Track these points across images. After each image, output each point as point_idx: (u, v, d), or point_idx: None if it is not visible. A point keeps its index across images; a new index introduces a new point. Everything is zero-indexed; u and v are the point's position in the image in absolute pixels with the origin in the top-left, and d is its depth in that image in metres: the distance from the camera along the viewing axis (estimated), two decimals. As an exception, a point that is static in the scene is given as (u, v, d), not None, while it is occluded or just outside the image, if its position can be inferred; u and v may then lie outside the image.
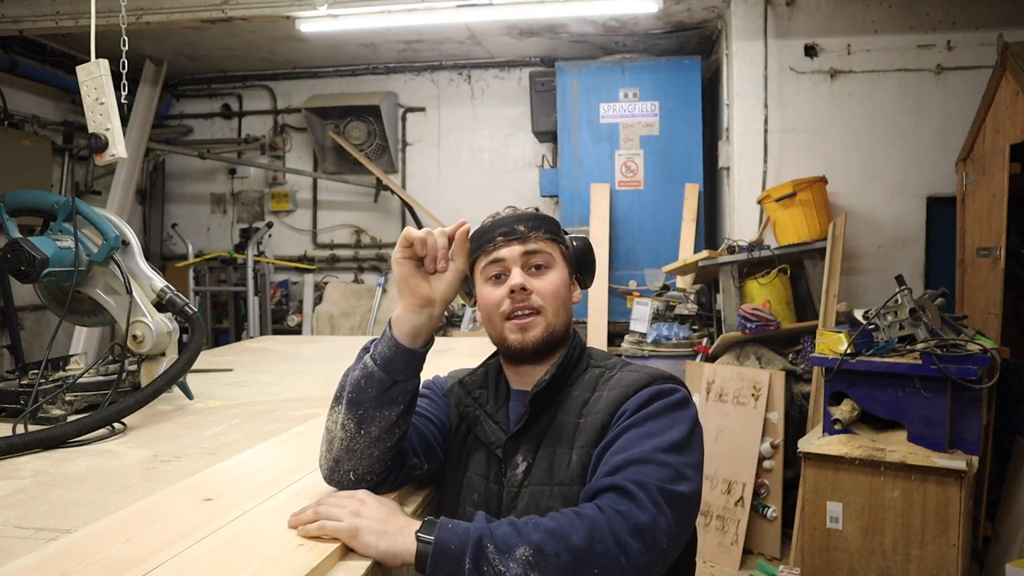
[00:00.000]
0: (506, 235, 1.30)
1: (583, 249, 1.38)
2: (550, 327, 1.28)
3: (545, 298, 1.28)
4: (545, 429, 1.26)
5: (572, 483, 1.18)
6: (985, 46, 4.10)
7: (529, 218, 1.33)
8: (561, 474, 1.20)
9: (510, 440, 1.27)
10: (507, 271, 1.29)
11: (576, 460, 1.19)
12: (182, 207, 6.59)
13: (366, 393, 1.14)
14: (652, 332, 4.42)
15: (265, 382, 2.22)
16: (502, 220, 1.33)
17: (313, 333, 5.72)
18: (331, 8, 4.08)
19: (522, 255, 1.29)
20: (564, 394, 1.28)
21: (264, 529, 1.06)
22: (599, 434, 1.19)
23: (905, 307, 2.92)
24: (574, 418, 1.24)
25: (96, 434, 1.52)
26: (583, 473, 1.17)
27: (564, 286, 1.31)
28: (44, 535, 1.03)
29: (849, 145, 4.43)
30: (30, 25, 4.43)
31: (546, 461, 1.22)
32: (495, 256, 1.30)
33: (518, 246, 1.29)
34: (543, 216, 1.35)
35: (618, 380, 1.26)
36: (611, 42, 5.37)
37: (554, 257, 1.32)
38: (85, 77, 1.88)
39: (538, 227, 1.32)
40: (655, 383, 1.22)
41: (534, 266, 1.30)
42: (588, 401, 1.25)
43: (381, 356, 1.14)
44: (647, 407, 1.17)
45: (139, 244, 1.86)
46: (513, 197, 5.89)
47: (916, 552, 2.71)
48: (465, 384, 1.37)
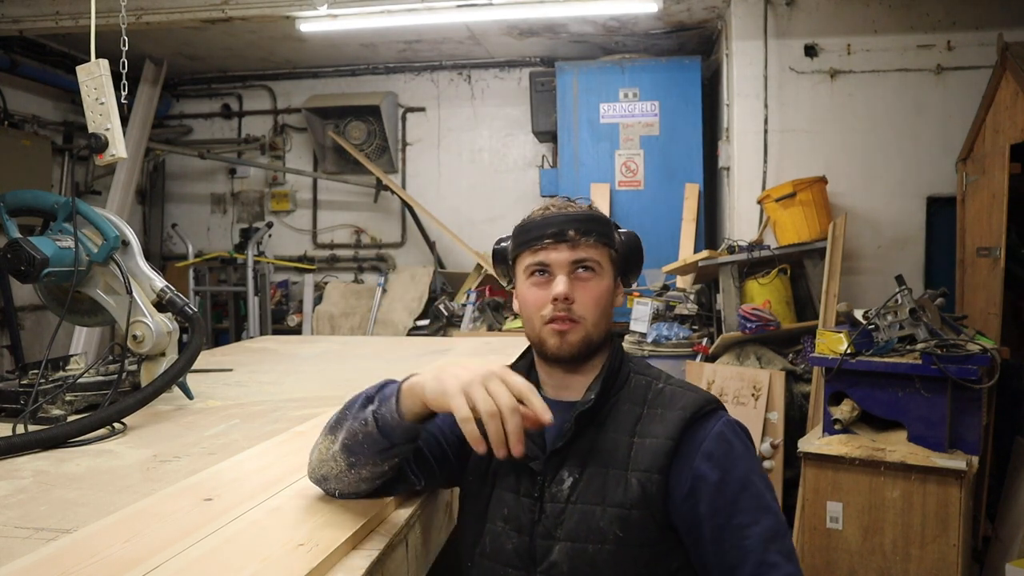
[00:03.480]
0: (556, 237, 1.24)
1: (632, 248, 1.32)
2: (588, 337, 1.25)
3: (587, 308, 1.24)
4: (591, 444, 1.22)
5: (632, 507, 1.16)
6: (985, 46, 4.09)
7: (582, 221, 1.26)
8: (618, 496, 1.17)
9: (552, 455, 1.23)
10: (552, 274, 1.25)
11: (636, 484, 1.17)
12: (182, 207, 6.59)
13: (361, 447, 1.11)
14: (652, 332, 4.41)
15: (265, 382, 2.22)
16: (553, 219, 1.26)
17: (313, 333, 5.72)
18: (331, 8, 4.08)
19: (570, 263, 1.24)
20: (609, 407, 1.25)
21: (264, 529, 1.06)
22: (664, 460, 1.17)
23: (905, 307, 2.92)
24: (627, 437, 1.21)
25: (96, 434, 1.52)
26: (644, 498, 1.16)
27: (608, 294, 1.27)
28: (44, 535, 1.03)
29: (849, 145, 4.43)
30: (30, 25, 4.43)
31: (598, 480, 1.19)
32: (542, 259, 1.25)
33: (567, 252, 1.24)
34: (596, 217, 1.28)
35: (669, 398, 1.23)
36: (611, 42, 5.37)
37: (602, 264, 1.26)
38: (85, 77, 1.88)
39: (590, 232, 1.25)
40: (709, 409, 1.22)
41: (580, 270, 1.25)
42: (640, 418, 1.22)
43: (383, 420, 1.09)
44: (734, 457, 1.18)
45: (139, 244, 1.86)
46: (513, 197, 5.91)
47: (916, 552, 2.71)
48: None
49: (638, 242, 1.34)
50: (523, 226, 1.30)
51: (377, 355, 2.83)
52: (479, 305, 5.25)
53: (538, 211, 1.31)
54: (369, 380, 1.27)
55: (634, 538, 1.16)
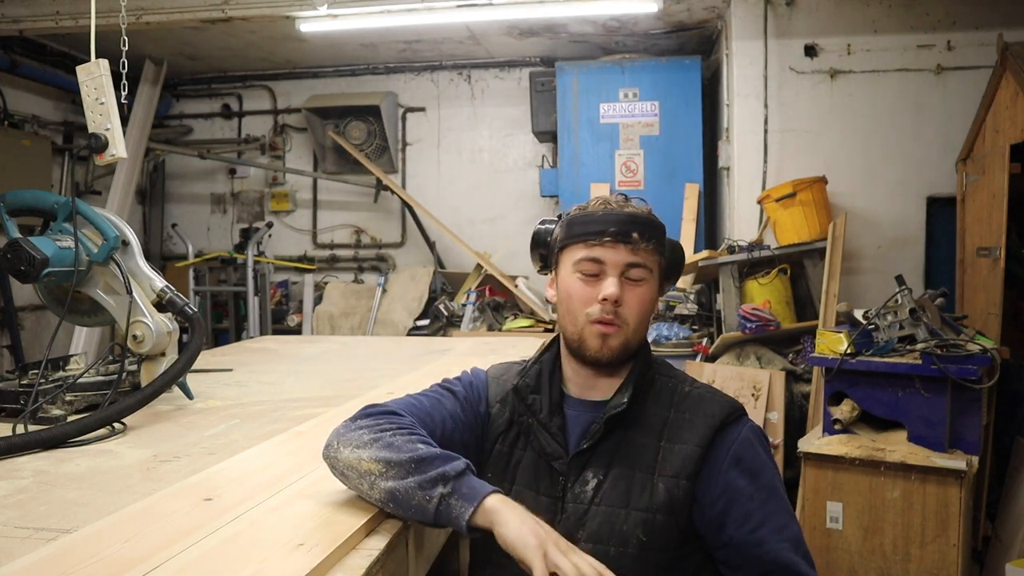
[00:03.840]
0: (616, 237, 1.21)
1: (676, 257, 1.32)
2: (628, 342, 1.24)
3: (632, 313, 1.23)
4: (617, 446, 1.21)
5: (657, 512, 1.16)
6: (985, 46, 4.09)
7: (645, 224, 1.24)
8: (644, 500, 1.17)
9: (577, 455, 1.22)
10: (603, 272, 1.22)
11: (663, 490, 1.17)
12: (182, 207, 6.59)
13: (408, 508, 1.07)
14: (652, 332, 4.41)
15: (265, 382, 2.22)
16: (616, 216, 1.23)
17: (313, 333, 5.72)
18: (331, 8, 4.08)
19: (625, 264, 1.22)
20: (636, 409, 1.24)
21: (264, 529, 1.06)
22: (694, 466, 1.18)
23: (905, 307, 2.92)
24: (655, 440, 1.21)
25: (96, 434, 1.52)
26: (670, 504, 1.16)
27: (653, 301, 1.27)
28: (44, 535, 1.03)
29: (849, 145, 4.43)
30: (30, 25, 4.43)
31: (623, 483, 1.19)
32: (597, 255, 1.22)
33: (625, 253, 1.21)
34: (657, 223, 1.27)
35: (696, 403, 1.24)
36: (611, 42, 5.37)
37: (652, 271, 1.25)
38: (85, 77, 1.88)
39: (650, 237, 1.23)
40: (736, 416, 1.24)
41: (632, 274, 1.23)
42: (667, 422, 1.22)
43: (445, 513, 1.04)
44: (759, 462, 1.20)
45: (139, 244, 1.86)
46: (513, 197, 5.91)
47: (916, 552, 2.71)
48: (519, 390, 1.29)
49: (682, 252, 1.34)
50: (580, 217, 1.26)
51: (377, 355, 2.83)
52: (479, 305, 5.25)
53: (597, 204, 1.27)
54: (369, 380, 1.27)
55: (657, 542, 1.16)
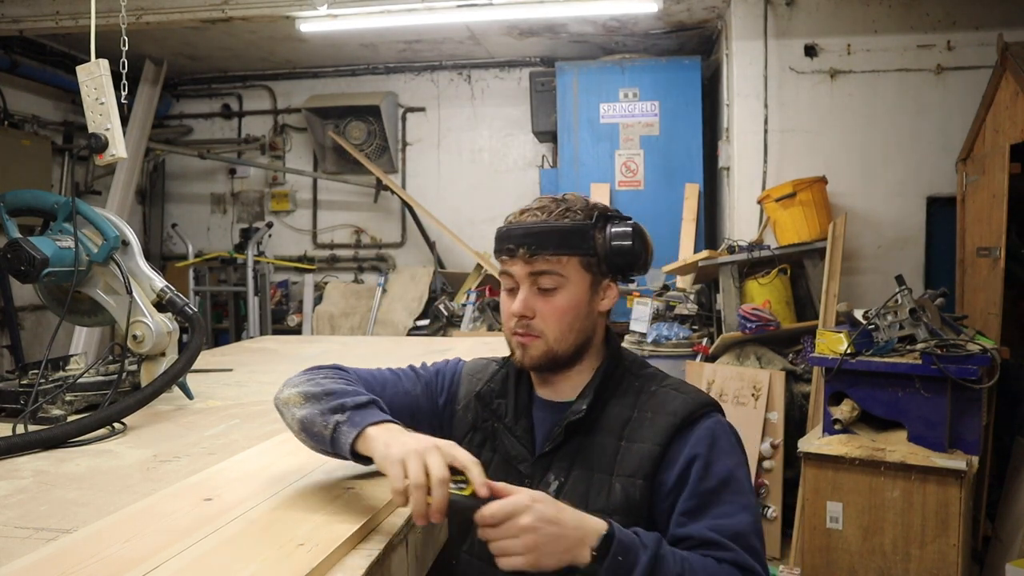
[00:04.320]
0: (510, 254, 1.21)
1: (622, 246, 1.23)
2: (551, 351, 1.22)
3: (547, 323, 1.21)
4: (579, 448, 1.21)
5: (614, 512, 1.14)
6: (985, 46, 4.09)
7: (538, 235, 1.20)
8: (600, 501, 1.16)
9: (540, 458, 1.22)
10: (517, 284, 1.23)
11: (620, 489, 1.16)
12: (182, 207, 6.59)
13: (314, 437, 1.16)
14: (652, 332, 4.41)
15: (265, 382, 2.22)
16: (512, 231, 1.22)
17: (313, 333, 5.72)
18: (331, 8, 4.08)
19: (528, 275, 1.21)
20: (599, 411, 1.22)
21: (264, 529, 1.06)
22: (650, 466, 1.15)
23: (905, 307, 2.92)
24: (615, 440, 1.19)
25: (96, 434, 1.52)
26: (627, 504, 1.15)
27: (574, 306, 1.21)
28: (44, 535, 1.03)
29: (849, 145, 4.43)
30: (30, 25, 4.43)
31: (582, 484, 1.18)
32: (507, 270, 1.24)
33: (525, 266, 1.21)
34: (557, 229, 1.20)
35: (661, 402, 1.20)
36: (611, 42, 5.37)
37: (566, 276, 1.20)
38: (85, 77, 1.88)
39: (546, 245, 1.19)
40: (702, 414, 1.19)
41: (541, 284, 1.21)
42: (629, 421, 1.20)
43: (338, 440, 1.11)
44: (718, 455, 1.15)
45: (139, 244, 1.86)
46: (513, 197, 5.90)
47: (916, 552, 2.71)
48: (483, 396, 1.30)
49: (634, 237, 1.24)
50: (497, 232, 1.27)
51: (377, 355, 2.82)
52: (479, 305, 5.25)
53: (514, 214, 1.27)
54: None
55: None
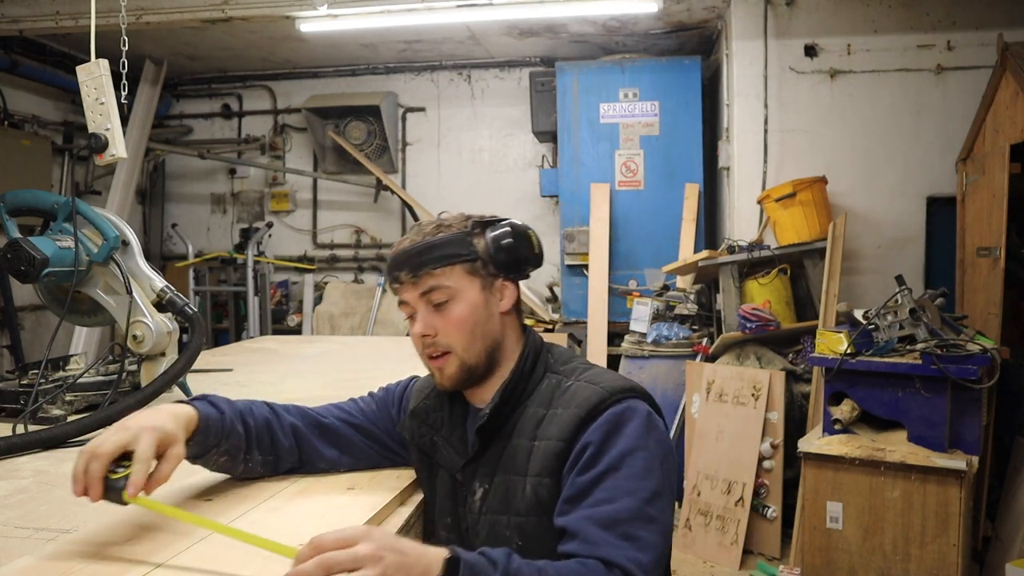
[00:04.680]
0: (395, 281, 1.23)
1: (505, 245, 1.23)
2: (463, 363, 1.21)
3: (450, 336, 1.21)
4: (501, 452, 1.20)
5: (528, 514, 1.13)
6: (985, 46, 4.09)
7: (409, 258, 1.21)
8: (517, 504, 1.15)
9: (467, 465, 1.22)
10: (415, 310, 1.23)
11: (531, 491, 1.14)
12: (182, 207, 6.59)
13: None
14: (652, 332, 4.41)
15: (265, 382, 2.22)
16: (394, 260, 1.24)
17: (313, 333, 5.72)
18: (331, 8, 4.08)
19: (420, 296, 1.21)
20: (519, 411, 1.21)
21: (264, 529, 1.06)
22: (555, 463, 1.12)
23: (905, 307, 2.92)
24: (528, 441, 1.17)
25: (96, 434, 1.52)
26: (538, 505, 1.13)
27: (473, 312, 1.21)
28: (44, 535, 1.03)
29: (849, 145, 4.43)
30: (30, 25, 4.43)
31: (502, 489, 1.17)
32: (400, 298, 1.24)
33: (411, 289, 1.21)
34: (430, 244, 1.21)
35: (572, 396, 1.17)
36: (611, 42, 5.37)
37: (454, 286, 1.20)
38: (85, 77, 1.88)
39: (421, 265, 1.20)
40: (612, 402, 1.13)
41: (434, 301, 1.21)
42: (542, 420, 1.17)
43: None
44: (615, 440, 1.09)
45: (139, 244, 1.86)
46: (513, 197, 5.91)
47: (916, 552, 2.71)
48: (417, 414, 1.31)
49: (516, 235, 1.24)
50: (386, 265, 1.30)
51: (377, 355, 2.83)
52: (479, 305, 5.24)
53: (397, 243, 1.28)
54: (369, 380, 1.27)
55: (534, 546, 1.11)
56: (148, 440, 1.03)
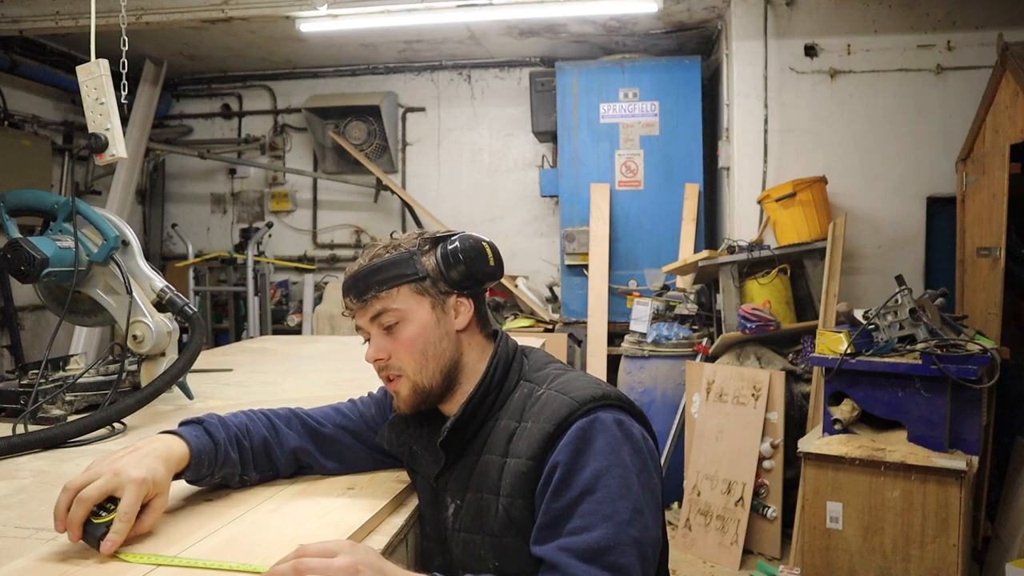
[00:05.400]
0: (347, 306, 1.22)
1: (457, 259, 1.19)
2: (416, 385, 1.19)
3: (402, 359, 1.19)
4: (473, 467, 1.17)
5: (502, 534, 1.10)
6: (985, 46, 4.09)
7: (356, 283, 1.20)
8: (490, 523, 1.12)
9: (439, 477, 1.20)
10: (368, 335, 1.22)
11: (503, 511, 1.10)
12: (182, 207, 6.59)
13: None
14: (652, 332, 4.41)
15: (265, 382, 2.22)
16: (344, 286, 1.23)
17: (313, 333, 5.72)
18: (331, 8, 4.08)
19: (370, 320, 1.20)
20: (491, 422, 1.18)
21: (264, 529, 1.06)
22: (524, 483, 1.08)
23: (905, 307, 2.92)
24: (499, 457, 1.13)
25: (96, 434, 1.52)
26: (511, 525, 1.09)
27: (423, 333, 1.18)
28: (44, 535, 1.03)
29: (849, 145, 4.43)
30: (30, 25, 4.42)
31: (475, 506, 1.14)
32: (355, 323, 1.23)
33: (361, 314, 1.20)
34: (373, 268, 1.19)
35: (541, 408, 1.12)
36: (611, 42, 5.37)
37: (403, 308, 1.18)
38: (85, 77, 1.88)
39: (367, 288, 1.18)
40: (580, 415, 1.07)
41: (384, 324, 1.19)
42: (514, 434, 1.13)
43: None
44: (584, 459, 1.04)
45: (139, 244, 1.86)
46: (513, 197, 5.92)
47: (916, 552, 2.71)
48: (395, 424, 1.29)
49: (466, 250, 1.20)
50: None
51: (377, 355, 2.82)
52: (479, 305, 5.24)
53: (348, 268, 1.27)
54: (369, 380, 1.27)
55: (511, 567, 1.09)
56: (134, 495, 0.99)
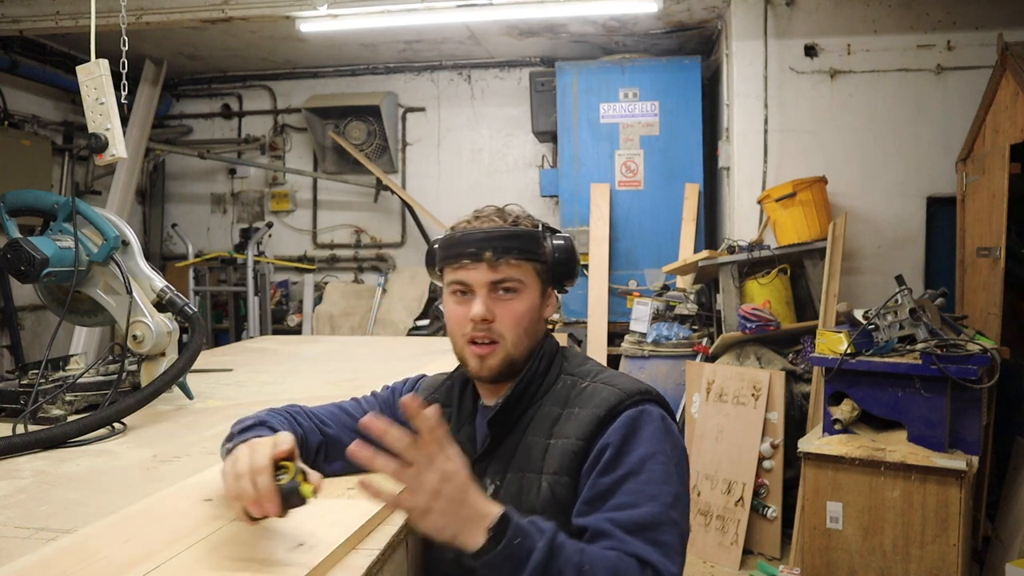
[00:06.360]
0: (473, 258, 1.21)
1: (564, 257, 1.27)
2: (508, 357, 1.22)
3: (507, 327, 1.21)
4: (514, 450, 1.20)
5: (544, 511, 1.12)
6: (985, 46, 4.09)
7: (500, 239, 1.21)
8: (531, 501, 1.15)
9: (477, 462, 1.21)
10: (472, 291, 1.22)
11: (547, 488, 1.14)
12: (182, 207, 6.59)
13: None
14: (652, 332, 4.41)
15: (265, 382, 2.22)
16: (471, 236, 1.23)
17: (313, 333, 5.72)
18: (331, 8, 4.08)
19: (488, 281, 1.21)
20: (533, 409, 1.22)
21: (264, 529, 1.06)
22: (573, 461, 1.13)
23: (905, 307, 2.92)
24: (543, 439, 1.18)
25: (96, 434, 1.52)
26: (554, 502, 1.13)
27: (530, 311, 1.23)
28: (44, 535, 1.03)
29: (849, 145, 4.43)
30: (30, 25, 4.43)
31: (515, 486, 1.17)
32: (461, 277, 1.22)
33: (486, 272, 1.20)
34: (517, 234, 1.23)
35: (589, 396, 1.18)
36: (611, 42, 5.37)
37: (524, 281, 1.22)
38: (85, 77, 1.88)
39: (509, 250, 1.21)
40: (629, 404, 1.15)
41: (501, 290, 1.21)
42: (559, 419, 1.19)
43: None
44: (633, 444, 1.11)
45: (139, 244, 1.86)
46: (513, 197, 5.83)
47: (916, 552, 2.71)
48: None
49: (572, 250, 1.29)
50: (444, 240, 1.27)
51: (377, 355, 2.82)
52: (479, 305, 5.24)
53: (463, 222, 1.28)
54: (369, 380, 1.27)
55: None
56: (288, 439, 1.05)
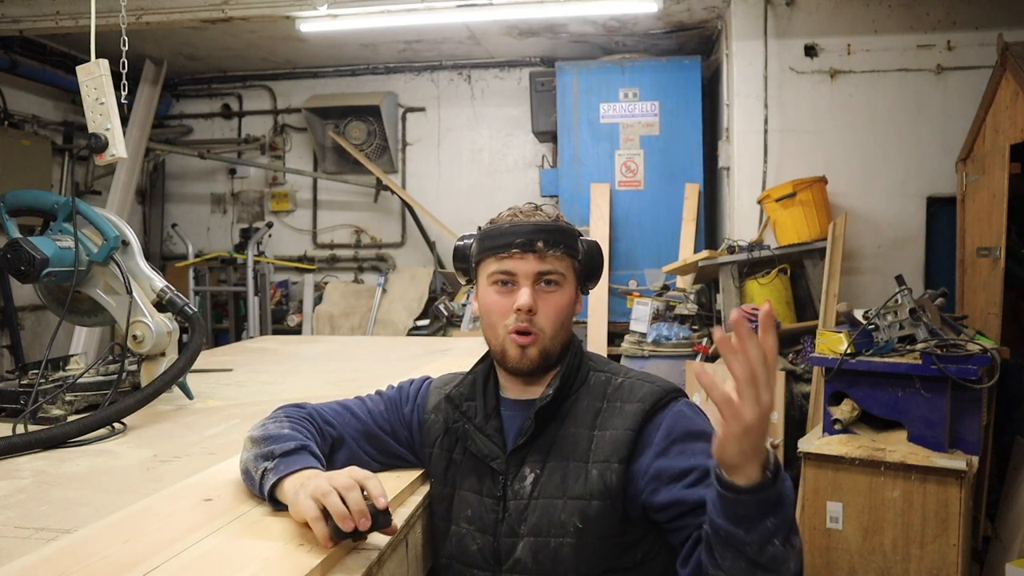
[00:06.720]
0: (523, 247, 1.24)
1: (593, 258, 1.32)
2: (546, 350, 1.26)
3: (548, 320, 1.25)
4: (552, 440, 1.24)
5: (591, 497, 1.18)
6: (985, 46, 4.09)
7: (550, 232, 1.25)
8: (578, 488, 1.19)
9: (513, 452, 1.25)
10: (516, 283, 1.25)
11: (596, 475, 1.19)
12: (182, 207, 6.59)
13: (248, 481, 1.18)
14: (652, 332, 4.41)
15: (265, 382, 2.22)
16: (522, 227, 1.25)
17: (313, 333, 5.72)
18: (331, 8, 4.08)
19: (536, 273, 1.24)
20: (570, 401, 1.27)
21: (264, 529, 1.06)
22: (623, 450, 1.19)
23: (905, 307, 2.92)
24: (587, 430, 1.23)
25: (96, 434, 1.52)
26: (604, 487, 1.18)
27: (569, 306, 1.29)
28: (44, 535, 1.03)
29: (849, 145, 4.43)
30: (30, 25, 4.43)
31: (559, 474, 1.21)
32: (508, 268, 1.25)
33: (534, 263, 1.24)
34: (564, 228, 1.29)
35: (629, 391, 1.25)
36: (611, 42, 5.37)
37: (566, 276, 1.27)
38: (85, 77, 1.88)
39: (558, 243, 1.25)
40: (669, 399, 1.24)
41: (544, 282, 1.25)
42: (600, 412, 1.24)
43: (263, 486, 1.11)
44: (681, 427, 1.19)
45: (139, 244, 1.86)
46: (513, 197, 5.88)
47: (916, 552, 2.71)
48: (452, 399, 1.33)
49: (599, 252, 1.34)
50: (489, 231, 1.29)
51: (377, 355, 2.83)
52: (479, 305, 5.24)
53: (506, 215, 1.30)
54: (369, 380, 1.27)
55: (594, 529, 1.17)
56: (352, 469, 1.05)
